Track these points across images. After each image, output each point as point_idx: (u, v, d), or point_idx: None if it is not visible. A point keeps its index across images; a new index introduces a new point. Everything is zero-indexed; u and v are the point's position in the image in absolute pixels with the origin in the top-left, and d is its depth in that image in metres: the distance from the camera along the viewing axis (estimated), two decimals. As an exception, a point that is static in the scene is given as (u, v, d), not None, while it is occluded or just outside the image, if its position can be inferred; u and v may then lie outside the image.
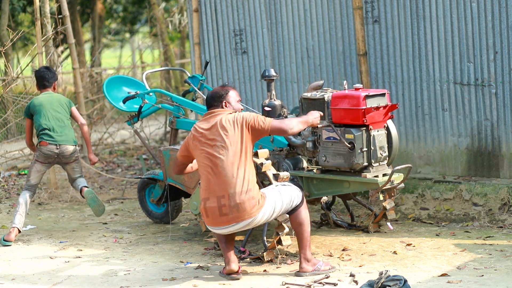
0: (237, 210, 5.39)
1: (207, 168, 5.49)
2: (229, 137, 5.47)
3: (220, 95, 5.72)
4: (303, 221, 5.60)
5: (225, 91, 5.75)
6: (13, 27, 13.95)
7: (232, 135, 5.48)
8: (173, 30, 15.51)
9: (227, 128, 5.49)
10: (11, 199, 8.79)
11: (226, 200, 5.41)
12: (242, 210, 5.39)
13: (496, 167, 7.18)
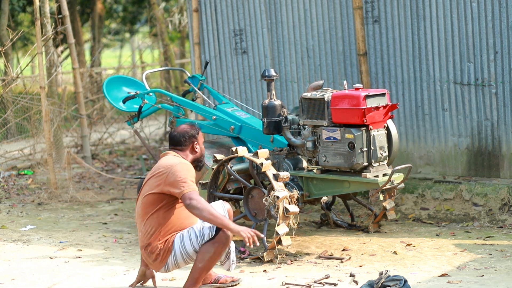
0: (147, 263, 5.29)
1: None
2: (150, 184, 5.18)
3: (189, 134, 5.35)
4: (202, 251, 5.09)
5: (196, 130, 5.38)
6: (13, 27, 13.94)
7: (152, 187, 5.15)
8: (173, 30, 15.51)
9: (156, 175, 5.15)
10: (11, 199, 8.79)
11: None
12: (149, 263, 5.28)
13: (496, 167, 7.18)
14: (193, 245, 5.14)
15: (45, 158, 9.47)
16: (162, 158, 5.31)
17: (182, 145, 5.33)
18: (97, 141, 12.18)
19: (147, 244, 5.17)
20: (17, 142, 11.03)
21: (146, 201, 5.17)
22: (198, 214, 5.02)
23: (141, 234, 5.21)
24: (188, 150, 5.35)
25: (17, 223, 7.69)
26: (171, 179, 5.07)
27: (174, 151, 5.33)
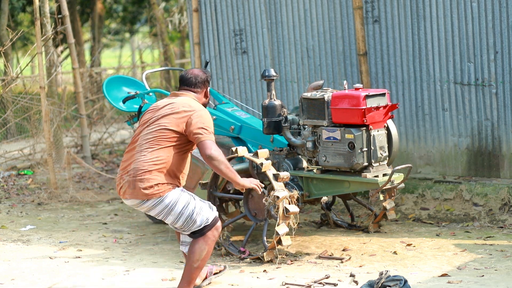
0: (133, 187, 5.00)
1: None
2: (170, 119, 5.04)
3: (205, 78, 5.30)
4: (195, 251, 5.03)
5: (208, 75, 5.34)
6: (12, 26, 13.94)
7: (170, 122, 5.02)
8: (173, 30, 15.51)
9: (178, 112, 5.04)
10: (10, 199, 8.79)
11: (126, 174, 5.06)
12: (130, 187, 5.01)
13: (496, 167, 7.18)
14: (182, 214, 5.00)
15: (45, 158, 9.47)
16: (179, 98, 5.18)
17: (197, 87, 5.27)
18: (97, 141, 12.18)
19: (147, 171, 4.95)
20: (17, 142, 11.03)
21: (162, 134, 5.01)
22: (216, 166, 4.97)
23: (141, 159, 4.98)
24: (202, 94, 5.31)
25: (17, 223, 7.69)
26: (194, 123, 4.99)
27: (187, 91, 5.25)
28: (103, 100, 13.40)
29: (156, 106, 5.23)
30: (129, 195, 5.02)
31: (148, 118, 5.18)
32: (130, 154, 5.11)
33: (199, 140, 4.98)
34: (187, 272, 5.09)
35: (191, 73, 5.30)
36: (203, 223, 5.04)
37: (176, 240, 6.80)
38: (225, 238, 6.29)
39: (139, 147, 5.07)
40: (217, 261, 6.11)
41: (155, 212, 5.04)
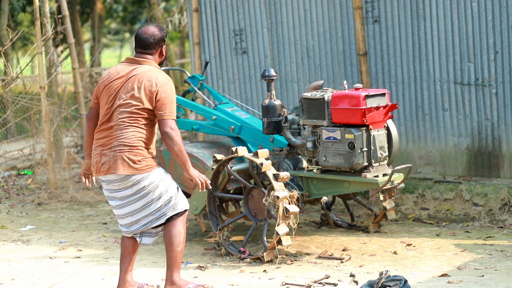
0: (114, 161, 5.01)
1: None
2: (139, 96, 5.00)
3: (160, 37, 5.14)
4: (176, 235, 5.07)
5: (164, 32, 5.18)
6: (12, 26, 13.95)
7: (141, 97, 5.00)
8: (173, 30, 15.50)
9: (145, 88, 4.99)
10: (10, 199, 8.79)
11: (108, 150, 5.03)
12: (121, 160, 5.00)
13: (496, 167, 7.18)
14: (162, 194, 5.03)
15: (45, 158, 9.48)
16: (141, 68, 5.06)
17: (151, 48, 5.14)
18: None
19: (133, 146, 4.99)
20: (17, 142, 11.04)
21: (138, 112, 5.00)
22: (170, 145, 5.03)
23: (124, 136, 4.98)
24: (157, 54, 5.20)
25: (17, 223, 7.69)
26: (160, 98, 4.98)
27: (143, 55, 5.15)
28: (103, 100, 13.38)
29: (113, 76, 5.09)
30: (114, 170, 4.99)
31: (113, 93, 5.06)
32: (108, 132, 5.05)
33: (161, 117, 5.02)
34: (173, 258, 5.09)
35: (146, 32, 5.15)
36: (177, 211, 5.08)
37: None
38: (225, 238, 6.29)
39: (117, 125, 5.02)
40: (217, 261, 6.11)
41: (137, 188, 5.02)
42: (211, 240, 6.67)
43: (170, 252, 5.10)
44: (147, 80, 5.02)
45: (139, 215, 5.12)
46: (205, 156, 6.52)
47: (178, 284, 5.12)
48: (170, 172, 6.71)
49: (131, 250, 5.24)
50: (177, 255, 5.09)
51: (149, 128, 5.11)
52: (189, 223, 7.38)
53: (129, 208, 5.15)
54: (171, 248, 5.08)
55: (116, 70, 5.14)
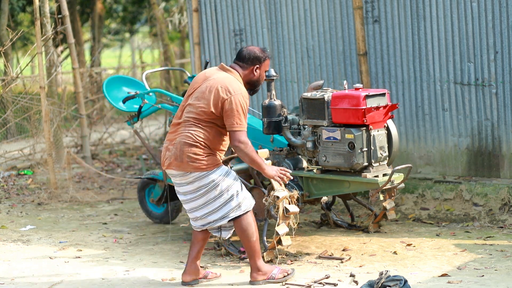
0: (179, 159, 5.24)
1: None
2: (208, 99, 5.21)
3: (257, 56, 5.40)
4: (247, 228, 5.33)
5: (264, 55, 5.42)
6: (12, 26, 13.94)
7: (208, 103, 5.21)
8: (173, 30, 15.51)
9: (216, 93, 5.20)
10: (10, 199, 8.78)
11: (172, 145, 5.28)
12: (177, 158, 5.24)
13: (496, 167, 7.18)
14: (227, 192, 5.27)
15: (45, 158, 9.47)
16: (221, 75, 5.29)
17: (244, 62, 5.40)
18: (97, 141, 12.18)
19: (192, 145, 5.19)
20: (17, 142, 11.03)
21: (202, 114, 5.23)
22: (241, 157, 5.28)
23: (185, 134, 5.22)
24: (248, 71, 5.41)
25: (17, 223, 7.69)
26: (229, 108, 5.18)
27: (233, 65, 5.41)
28: (103, 100, 13.40)
29: (199, 78, 5.38)
30: (176, 166, 5.25)
31: (191, 92, 5.35)
32: (176, 128, 5.34)
33: (229, 129, 5.23)
34: (251, 248, 5.35)
35: (248, 47, 5.45)
36: (241, 212, 5.33)
37: (176, 240, 6.80)
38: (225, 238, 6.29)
39: (184, 122, 5.29)
40: (217, 261, 6.11)
41: (198, 185, 5.25)
42: (211, 240, 6.67)
43: (246, 243, 5.37)
44: (220, 86, 5.23)
45: (202, 212, 5.36)
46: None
47: (264, 270, 5.39)
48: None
49: (201, 239, 5.50)
50: (254, 244, 5.35)
51: (212, 130, 5.29)
52: (189, 223, 7.38)
53: (192, 204, 5.37)
54: (246, 240, 5.35)
55: (204, 73, 5.42)
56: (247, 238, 5.35)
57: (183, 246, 6.63)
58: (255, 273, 5.41)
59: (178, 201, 7.33)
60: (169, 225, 7.37)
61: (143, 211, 7.57)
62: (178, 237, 6.95)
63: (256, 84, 5.47)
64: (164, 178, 6.83)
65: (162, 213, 7.41)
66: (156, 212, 7.46)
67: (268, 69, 6.38)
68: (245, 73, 5.41)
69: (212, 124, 5.26)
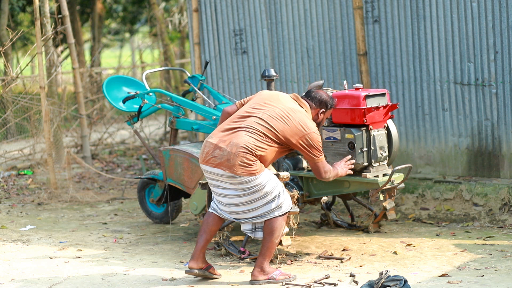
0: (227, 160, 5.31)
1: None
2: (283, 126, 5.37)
3: (325, 101, 5.62)
4: (278, 228, 5.42)
5: (331, 103, 5.64)
6: (12, 27, 13.94)
7: (284, 130, 5.37)
8: (173, 30, 15.51)
9: (293, 126, 5.37)
10: (10, 199, 8.78)
11: (225, 145, 5.34)
12: (229, 160, 5.30)
13: (496, 167, 7.18)
14: (267, 195, 5.36)
15: (45, 158, 9.47)
16: (299, 110, 5.46)
17: (313, 102, 5.60)
18: (97, 141, 12.17)
19: (249, 152, 5.27)
20: (17, 142, 11.03)
21: (271, 134, 5.35)
22: (329, 181, 5.68)
23: (246, 140, 5.29)
24: (313, 110, 5.60)
25: (17, 223, 7.69)
26: (308, 144, 5.39)
27: (306, 101, 5.57)
28: (103, 100, 13.40)
29: (271, 98, 5.51)
30: (226, 167, 5.29)
31: (261, 105, 5.47)
32: (234, 130, 5.38)
33: (313, 161, 5.47)
34: (269, 248, 5.42)
35: (318, 90, 5.67)
36: (281, 212, 5.42)
37: (176, 240, 6.80)
38: (225, 238, 6.29)
39: (245, 129, 5.36)
40: (217, 261, 6.11)
41: (244, 187, 5.33)
42: (211, 240, 6.67)
43: (267, 241, 5.42)
44: (299, 120, 5.40)
45: (242, 208, 5.45)
46: None
47: (266, 271, 5.44)
48: (170, 172, 6.72)
49: (213, 230, 5.57)
50: (273, 246, 5.43)
51: (272, 148, 5.40)
52: (189, 223, 7.39)
53: (233, 200, 5.44)
54: (270, 239, 5.41)
55: (278, 94, 5.58)
56: (271, 237, 5.42)
57: (183, 246, 6.63)
58: (257, 271, 5.43)
59: (178, 201, 7.33)
60: (169, 225, 7.37)
61: (143, 211, 7.57)
62: (178, 237, 6.95)
63: (317, 126, 5.63)
64: (164, 178, 6.82)
65: (162, 213, 7.41)
66: (156, 212, 7.46)
67: (268, 69, 6.38)
68: (310, 111, 5.59)
69: (276, 144, 5.39)
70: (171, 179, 6.75)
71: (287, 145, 5.41)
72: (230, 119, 5.49)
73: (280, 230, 5.43)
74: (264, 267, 5.44)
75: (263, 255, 5.44)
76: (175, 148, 6.68)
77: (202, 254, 5.54)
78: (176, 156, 6.64)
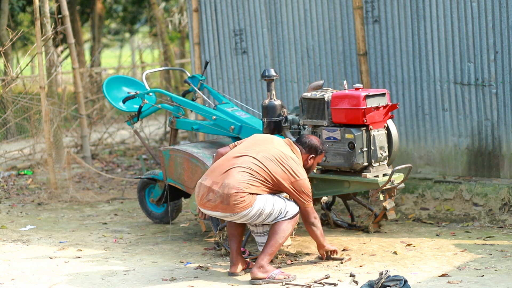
0: (221, 201, 5.42)
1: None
2: (276, 170, 5.49)
3: (315, 148, 5.74)
4: (285, 230, 5.53)
5: (321, 149, 5.77)
6: (12, 27, 13.93)
7: (277, 173, 5.49)
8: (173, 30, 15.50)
9: (285, 171, 5.50)
10: (10, 199, 8.79)
11: (218, 187, 5.44)
12: (223, 202, 5.42)
13: (496, 167, 7.18)
14: (271, 213, 5.49)
15: (45, 158, 9.47)
16: (293, 157, 5.59)
17: (303, 147, 5.73)
18: (97, 141, 12.17)
19: (241, 191, 5.37)
20: (17, 142, 11.03)
21: (264, 174, 5.47)
22: (314, 231, 5.70)
23: (237, 179, 5.39)
24: (303, 156, 5.72)
25: (17, 223, 7.69)
26: (299, 190, 5.53)
27: (298, 147, 5.71)
28: (103, 100, 13.40)
29: (265, 140, 5.67)
30: (222, 209, 5.43)
31: (253, 146, 5.60)
32: (227, 167, 5.50)
33: (303, 206, 5.60)
34: (272, 246, 5.50)
35: (310, 136, 5.82)
36: (290, 215, 5.56)
37: (176, 240, 6.80)
38: (225, 238, 6.28)
39: (239, 169, 5.47)
40: (217, 261, 6.11)
41: (246, 218, 5.48)
42: (211, 240, 6.67)
43: (272, 240, 5.51)
44: (293, 166, 5.52)
45: (262, 229, 5.72)
46: (205, 156, 6.52)
47: (266, 269, 5.48)
48: (170, 172, 6.72)
49: (240, 232, 5.68)
50: (277, 245, 5.52)
51: (263, 187, 5.50)
52: (189, 223, 7.39)
53: (251, 225, 5.74)
54: (275, 238, 5.51)
55: (272, 137, 5.73)
56: (275, 236, 5.49)
57: (183, 246, 6.63)
58: (257, 269, 5.46)
59: (178, 201, 7.33)
60: (169, 225, 7.37)
61: (143, 211, 7.57)
62: (178, 237, 6.95)
63: (307, 171, 5.73)
64: (164, 178, 6.83)
65: (162, 213, 7.41)
66: (156, 212, 7.46)
67: (268, 69, 6.38)
68: (301, 157, 5.69)
69: (267, 184, 5.49)
70: (171, 179, 6.75)
71: (278, 187, 5.53)
72: (223, 159, 5.59)
73: (286, 232, 5.51)
74: (264, 264, 5.47)
75: (264, 253, 5.50)
76: (175, 148, 6.68)
77: (240, 256, 5.68)
78: (176, 156, 6.64)
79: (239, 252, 5.67)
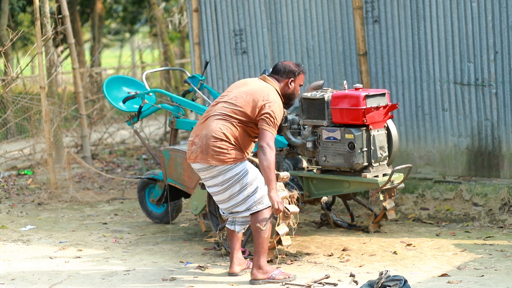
0: (201, 151, 5.40)
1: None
2: (247, 101, 5.41)
3: (291, 70, 5.63)
4: (263, 222, 5.44)
5: (299, 69, 5.66)
6: (12, 27, 13.94)
7: (246, 104, 5.39)
8: (173, 30, 15.50)
9: (255, 98, 5.39)
10: (10, 199, 8.79)
11: (198, 139, 5.44)
12: (203, 151, 5.39)
13: (496, 167, 7.18)
14: (247, 186, 5.39)
15: (45, 158, 9.47)
16: (262, 84, 5.53)
17: (279, 75, 5.63)
18: (97, 141, 12.18)
19: (218, 138, 5.34)
20: (17, 142, 11.04)
21: (236, 112, 5.39)
22: (261, 159, 5.31)
23: (213, 127, 5.36)
24: (283, 83, 5.61)
25: (17, 223, 7.69)
26: (265, 112, 5.34)
27: (272, 77, 5.61)
28: (103, 100, 13.40)
29: (239, 84, 5.61)
30: (201, 159, 5.38)
31: (228, 92, 5.56)
32: (204, 122, 5.48)
33: (261, 127, 5.36)
34: (260, 244, 5.45)
35: (283, 62, 5.69)
36: (263, 206, 5.44)
37: (176, 240, 6.80)
38: (225, 238, 6.29)
39: (213, 117, 5.45)
40: (217, 261, 6.11)
41: (223, 178, 5.37)
42: (211, 240, 6.67)
43: (257, 238, 5.45)
44: (261, 92, 5.43)
45: (229, 204, 5.50)
46: None
47: (265, 269, 5.46)
48: (170, 172, 6.72)
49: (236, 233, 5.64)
50: (264, 241, 5.45)
51: (241, 129, 5.42)
52: (189, 223, 7.39)
53: (219, 197, 5.51)
54: (259, 235, 5.44)
55: (246, 80, 5.69)
56: (260, 233, 5.45)
57: (183, 246, 6.63)
58: (256, 270, 5.46)
59: (178, 201, 7.34)
60: (169, 225, 7.37)
61: (143, 211, 7.57)
62: (178, 237, 6.95)
63: (291, 97, 5.66)
64: (164, 178, 6.83)
65: (162, 213, 7.41)
66: (156, 212, 7.46)
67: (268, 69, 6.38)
68: (280, 86, 5.62)
69: (243, 125, 5.42)
70: (171, 179, 6.76)
71: (251, 118, 5.38)
72: (203, 114, 5.62)
73: (267, 224, 5.45)
74: (261, 265, 5.46)
75: (257, 253, 5.48)
76: (175, 148, 6.68)
77: (240, 256, 5.68)
78: (176, 156, 6.64)
79: (239, 252, 5.66)
